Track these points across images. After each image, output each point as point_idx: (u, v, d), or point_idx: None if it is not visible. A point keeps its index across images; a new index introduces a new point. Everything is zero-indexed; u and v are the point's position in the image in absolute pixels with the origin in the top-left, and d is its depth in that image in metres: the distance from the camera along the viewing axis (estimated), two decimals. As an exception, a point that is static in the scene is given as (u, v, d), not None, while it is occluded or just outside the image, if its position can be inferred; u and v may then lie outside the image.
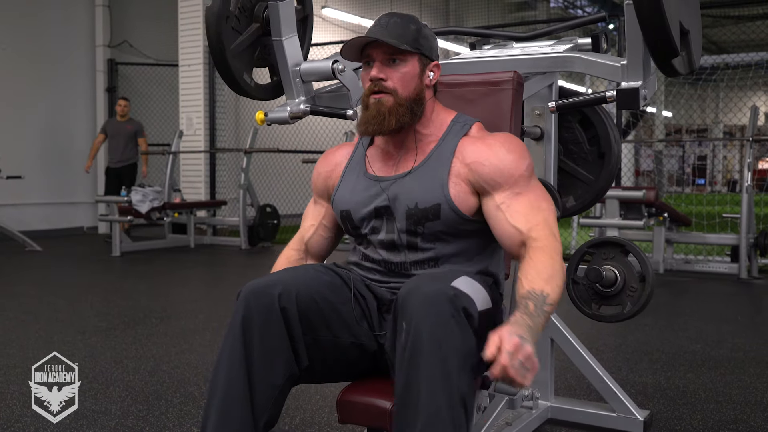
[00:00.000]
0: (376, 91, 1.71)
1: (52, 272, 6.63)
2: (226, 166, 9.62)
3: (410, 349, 1.46)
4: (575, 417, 2.54)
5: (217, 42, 2.02)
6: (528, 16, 16.90)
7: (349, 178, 1.84)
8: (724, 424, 2.56)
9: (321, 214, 1.95)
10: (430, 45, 1.78)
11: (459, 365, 1.45)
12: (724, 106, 8.66)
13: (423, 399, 1.43)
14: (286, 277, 1.64)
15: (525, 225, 1.65)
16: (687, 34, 1.80)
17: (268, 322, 1.58)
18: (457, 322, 1.45)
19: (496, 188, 1.69)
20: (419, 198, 1.71)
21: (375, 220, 1.77)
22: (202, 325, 4.15)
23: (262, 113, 2.18)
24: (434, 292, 1.48)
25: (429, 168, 1.73)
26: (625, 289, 2.02)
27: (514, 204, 1.68)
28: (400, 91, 1.71)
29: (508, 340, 1.37)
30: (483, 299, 1.60)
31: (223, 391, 1.56)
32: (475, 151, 1.72)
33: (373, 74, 1.72)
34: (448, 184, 1.70)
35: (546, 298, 1.53)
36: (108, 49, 10.34)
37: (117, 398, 2.80)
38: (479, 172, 1.70)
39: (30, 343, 3.64)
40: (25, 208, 9.26)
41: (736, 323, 4.34)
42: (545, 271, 1.57)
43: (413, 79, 1.73)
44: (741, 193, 6.19)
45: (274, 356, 1.59)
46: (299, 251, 1.97)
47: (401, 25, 1.73)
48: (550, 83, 2.38)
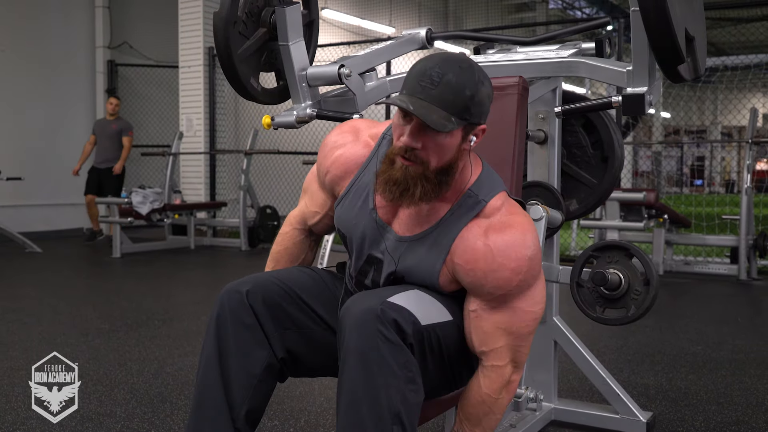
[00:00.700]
0: (406, 157, 1.51)
1: (52, 274, 6.63)
2: (226, 167, 9.63)
3: (341, 366, 1.48)
4: (579, 419, 2.56)
5: (224, 47, 2.03)
6: (527, 17, 16.93)
7: (354, 201, 1.71)
8: (726, 425, 2.57)
9: (327, 205, 1.82)
10: (481, 110, 1.53)
11: (387, 380, 1.42)
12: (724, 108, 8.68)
13: (346, 415, 1.45)
14: (261, 277, 1.69)
15: (480, 345, 1.59)
16: (692, 41, 1.81)
17: (239, 317, 1.63)
18: (385, 336, 1.43)
19: (473, 293, 1.59)
20: (407, 273, 1.63)
21: (365, 265, 1.71)
22: (204, 327, 4.13)
23: (269, 117, 2.19)
24: (362, 310, 1.46)
25: (427, 246, 1.61)
26: (629, 293, 2.03)
27: (483, 317, 1.58)
28: (432, 164, 1.51)
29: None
30: (433, 313, 1.55)
31: (200, 381, 1.63)
32: (468, 253, 1.56)
33: (405, 141, 1.48)
34: (439, 275, 1.60)
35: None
36: (108, 51, 10.35)
37: (121, 400, 2.81)
38: (461, 277, 1.58)
39: (33, 345, 3.65)
40: (24, 209, 9.26)
41: (736, 325, 4.35)
42: (477, 415, 1.62)
43: (451, 150, 1.52)
44: (740, 195, 6.22)
45: (248, 347, 1.63)
46: (302, 231, 1.91)
47: (455, 87, 1.47)
48: (554, 87, 2.40)
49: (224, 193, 9.52)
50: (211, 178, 9.54)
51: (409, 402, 1.46)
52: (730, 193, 15.86)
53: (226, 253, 8.12)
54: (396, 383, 1.44)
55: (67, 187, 9.80)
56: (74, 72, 10.08)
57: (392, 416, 1.43)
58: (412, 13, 14.82)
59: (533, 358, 2.51)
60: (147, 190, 7.89)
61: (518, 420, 2.39)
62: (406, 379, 1.45)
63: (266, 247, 8.39)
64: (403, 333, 1.46)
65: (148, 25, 10.78)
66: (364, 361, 1.44)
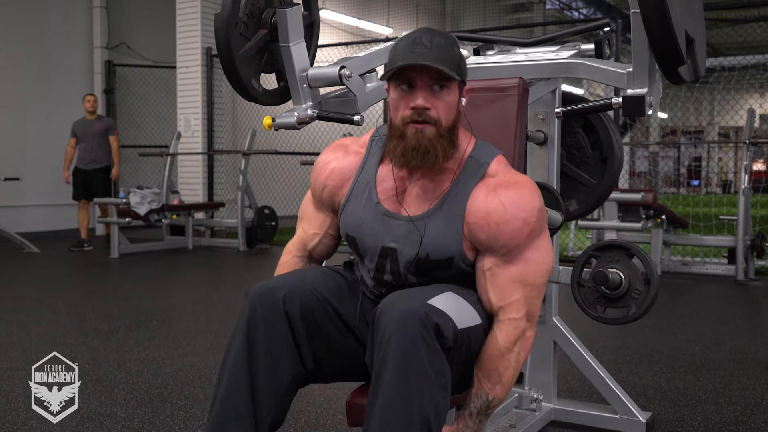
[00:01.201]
0: (419, 121, 1.58)
1: (50, 274, 6.63)
2: (224, 167, 9.63)
3: (378, 366, 1.48)
4: (578, 419, 2.56)
5: (225, 48, 2.04)
6: (524, 18, 16.95)
7: (357, 202, 1.74)
8: (724, 425, 2.58)
9: (326, 223, 1.86)
10: (466, 68, 1.67)
11: (423, 385, 1.44)
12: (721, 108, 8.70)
13: (377, 415, 1.45)
14: (292, 280, 1.65)
15: (498, 300, 1.63)
16: (692, 42, 1.82)
17: (272, 324, 1.59)
18: (426, 342, 1.44)
19: (488, 251, 1.64)
20: (431, 249, 1.65)
21: (380, 259, 1.71)
22: (203, 327, 4.16)
23: (270, 119, 2.19)
24: (406, 310, 1.47)
25: (443, 217, 1.65)
26: (630, 292, 2.04)
27: (498, 273, 1.63)
28: (443, 121, 1.59)
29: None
30: (469, 316, 1.58)
31: (226, 389, 1.58)
32: (481, 210, 1.62)
33: (419, 103, 1.57)
34: (462, 239, 1.65)
35: (491, 401, 1.62)
36: (105, 51, 10.35)
37: (122, 401, 2.81)
38: (476, 235, 1.63)
39: (32, 346, 3.65)
40: (22, 209, 9.26)
41: (734, 325, 4.37)
42: (495, 372, 1.62)
43: (454, 108, 1.62)
44: (738, 195, 6.23)
45: (278, 357, 1.60)
46: (302, 258, 1.90)
47: (446, 47, 1.59)
48: (553, 89, 2.41)
49: (222, 194, 9.52)
50: (209, 179, 9.54)
51: (439, 408, 1.48)
52: (727, 194, 15.88)
53: (224, 254, 8.12)
54: (430, 389, 1.45)
55: (65, 188, 9.78)
56: (72, 72, 10.08)
57: (422, 421, 1.44)
58: (410, 13, 14.83)
59: (533, 359, 2.52)
60: (145, 190, 7.89)
61: (518, 420, 2.40)
62: (439, 386, 1.47)
63: (264, 248, 8.41)
64: (443, 338, 1.47)
65: (146, 25, 10.78)
66: (403, 363, 1.44)
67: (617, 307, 2.06)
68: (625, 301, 2.05)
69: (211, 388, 2.97)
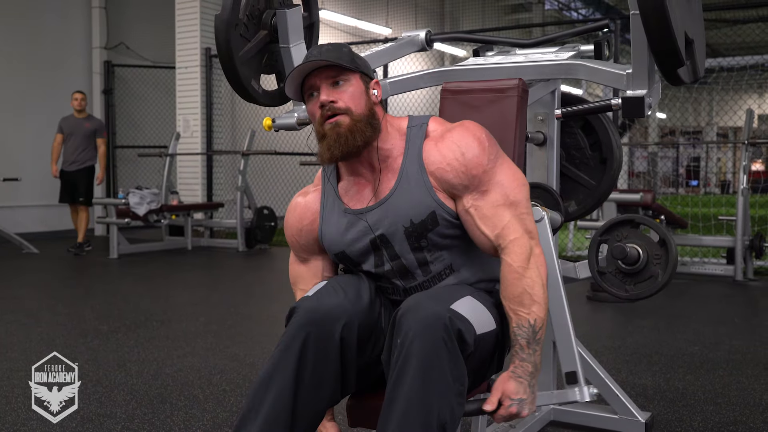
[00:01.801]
0: (330, 116, 1.66)
1: (50, 275, 6.63)
2: (223, 168, 9.64)
3: (398, 368, 1.48)
4: (577, 419, 2.57)
5: (226, 49, 2.04)
6: (523, 18, 16.95)
7: (330, 220, 1.77)
8: (724, 425, 2.59)
9: (320, 267, 1.85)
10: (366, 64, 1.75)
11: (442, 391, 1.45)
12: (720, 109, 8.70)
13: (396, 418, 1.45)
14: (345, 304, 1.61)
15: (492, 230, 1.64)
16: (692, 44, 1.83)
17: (324, 351, 1.57)
18: (448, 348, 1.45)
19: (463, 191, 1.67)
20: (412, 214, 1.67)
21: (375, 254, 1.73)
22: (203, 328, 4.16)
23: (270, 120, 2.20)
24: (431, 314, 1.48)
25: (407, 182, 1.69)
26: (650, 261, 2.04)
27: (481, 205, 1.65)
28: (353, 109, 1.66)
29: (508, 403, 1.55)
30: (485, 322, 1.60)
31: (267, 413, 1.54)
32: (437, 156, 1.68)
33: (322, 99, 1.66)
34: (434, 190, 1.67)
35: (534, 324, 1.59)
36: (104, 51, 10.35)
37: (122, 401, 2.81)
38: (444, 178, 1.67)
39: (32, 346, 3.65)
40: (21, 210, 9.25)
41: (732, 325, 4.37)
42: (524, 294, 1.59)
43: (362, 96, 1.69)
44: (736, 196, 6.24)
45: (323, 383, 1.58)
46: None
47: (334, 49, 1.69)
48: (552, 89, 2.41)
49: (221, 194, 9.52)
50: (208, 179, 9.54)
51: (455, 415, 1.48)
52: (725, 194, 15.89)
53: (223, 254, 8.12)
54: (449, 395, 1.46)
55: (64, 188, 9.80)
56: (71, 73, 10.07)
57: (439, 426, 1.45)
58: (409, 13, 14.83)
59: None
60: (144, 191, 7.89)
61: (518, 420, 2.40)
62: (457, 392, 1.48)
63: (263, 248, 8.41)
64: (465, 344, 1.49)
65: (145, 25, 10.78)
66: (425, 368, 1.45)
67: (644, 279, 2.06)
68: (650, 271, 2.05)
69: (211, 388, 2.97)
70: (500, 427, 2.33)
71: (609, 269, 2.13)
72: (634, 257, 2.07)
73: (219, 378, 3.13)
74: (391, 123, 1.75)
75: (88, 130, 8.00)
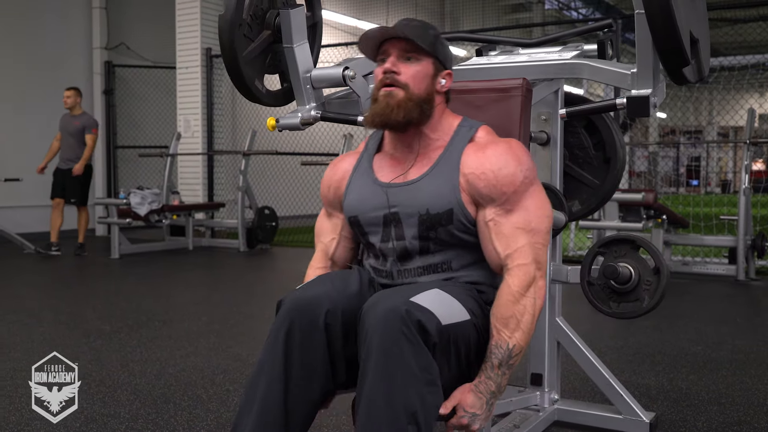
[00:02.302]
0: (388, 84, 1.72)
1: (51, 275, 6.63)
2: (224, 168, 9.63)
3: (362, 364, 1.49)
4: (581, 419, 2.56)
5: (229, 49, 2.04)
6: (523, 18, 16.95)
7: (356, 184, 1.84)
8: (728, 425, 2.58)
9: (339, 226, 1.92)
10: (446, 53, 1.80)
11: (406, 381, 1.45)
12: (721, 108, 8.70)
13: (363, 412, 1.47)
14: (330, 291, 1.63)
15: (504, 249, 1.67)
16: (696, 43, 1.83)
17: (310, 339, 1.58)
18: (408, 339, 1.46)
19: (489, 203, 1.70)
20: (430, 204, 1.71)
21: (384, 228, 1.76)
22: (205, 327, 4.16)
23: (274, 120, 2.20)
24: (387, 308, 1.49)
25: (438, 174, 1.73)
26: (640, 284, 2.05)
27: (501, 222, 1.68)
28: (411, 87, 1.72)
29: (461, 413, 1.58)
30: (454, 312, 1.58)
31: (260, 407, 1.55)
32: (475, 162, 1.72)
33: (387, 66, 1.72)
34: (459, 190, 1.71)
35: (512, 351, 1.61)
36: (105, 52, 10.35)
37: (125, 401, 2.81)
38: (475, 185, 1.70)
39: (34, 346, 3.65)
40: (22, 210, 9.24)
41: (735, 325, 4.37)
42: (512, 318, 1.61)
43: (425, 79, 1.74)
44: (738, 195, 6.23)
45: (313, 373, 1.59)
46: (325, 269, 1.92)
47: (421, 28, 1.75)
48: (556, 89, 2.41)
49: (222, 194, 9.52)
50: (209, 179, 9.54)
51: (427, 403, 1.48)
52: (726, 194, 15.89)
53: (225, 254, 8.12)
54: (415, 385, 1.46)
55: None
56: (71, 73, 10.06)
57: (408, 416, 1.45)
58: (409, 13, 14.83)
59: (537, 358, 2.53)
60: (145, 191, 7.89)
61: (521, 420, 2.40)
62: (425, 381, 1.47)
63: (265, 248, 8.41)
64: (427, 334, 1.48)
65: (146, 26, 10.77)
66: (385, 360, 1.45)
67: (630, 300, 2.07)
68: (637, 294, 2.06)
69: (214, 388, 2.97)
70: (504, 428, 2.33)
71: (599, 282, 2.13)
72: (626, 277, 2.08)
73: (222, 378, 3.13)
74: (445, 117, 1.81)
75: (76, 128, 7.82)
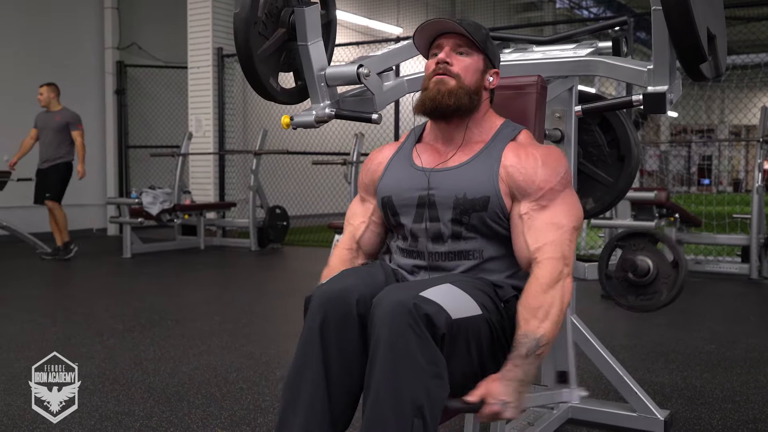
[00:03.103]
0: (441, 73, 1.79)
1: (64, 274, 6.66)
2: (235, 167, 9.65)
3: (371, 357, 1.51)
4: (596, 417, 2.56)
5: (245, 47, 2.04)
6: (534, 17, 16.91)
7: (394, 168, 1.89)
8: (743, 423, 2.57)
9: (369, 210, 1.97)
10: (495, 52, 1.88)
11: (414, 374, 1.46)
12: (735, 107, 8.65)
13: (369, 406, 1.48)
14: (358, 283, 1.65)
15: (534, 242, 1.70)
16: (714, 39, 1.82)
17: (345, 330, 1.59)
18: (415, 332, 1.46)
19: (525, 197, 1.74)
20: (468, 188, 1.75)
21: (418, 209, 1.79)
22: (217, 326, 4.17)
23: (288, 117, 2.20)
24: (395, 302, 1.50)
25: (478, 163, 1.78)
26: (659, 277, 2.04)
27: (534, 217, 1.72)
28: (463, 77, 1.79)
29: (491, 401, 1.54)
30: (465, 306, 1.58)
31: (305, 405, 1.57)
32: (516, 157, 1.77)
33: (440, 57, 1.80)
34: (498, 179, 1.75)
35: (539, 340, 1.60)
36: (117, 52, 10.38)
37: (139, 399, 2.82)
38: (514, 177, 1.75)
39: (48, 345, 3.66)
40: (35, 210, 9.26)
41: (749, 323, 4.35)
42: (541, 308, 1.61)
43: (476, 73, 1.82)
44: (751, 194, 6.20)
45: (351, 364, 1.59)
46: (351, 250, 1.96)
47: (474, 26, 1.83)
48: (570, 87, 2.40)
49: (233, 194, 9.54)
50: (220, 179, 9.56)
51: (433, 396, 1.48)
52: (738, 192, 15.82)
53: (236, 254, 8.14)
54: (422, 378, 1.46)
55: (77, 188, 9.78)
56: (83, 73, 10.11)
57: (414, 409, 1.45)
58: (420, 12, 14.82)
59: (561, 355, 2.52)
60: (157, 190, 7.92)
61: (536, 418, 2.40)
62: (432, 375, 1.48)
63: (276, 248, 8.43)
64: (435, 327, 1.48)
65: (157, 26, 10.80)
66: (392, 354, 1.46)
67: (648, 293, 2.07)
68: (656, 287, 2.05)
69: (228, 386, 2.98)
70: (519, 426, 2.33)
71: (617, 275, 2.12)
72: (644, 270, 2.07)
73: (235, 376, 3.14)
74: (489, 115, 1.88)
75: (59, 124, 7.37)
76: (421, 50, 1.91)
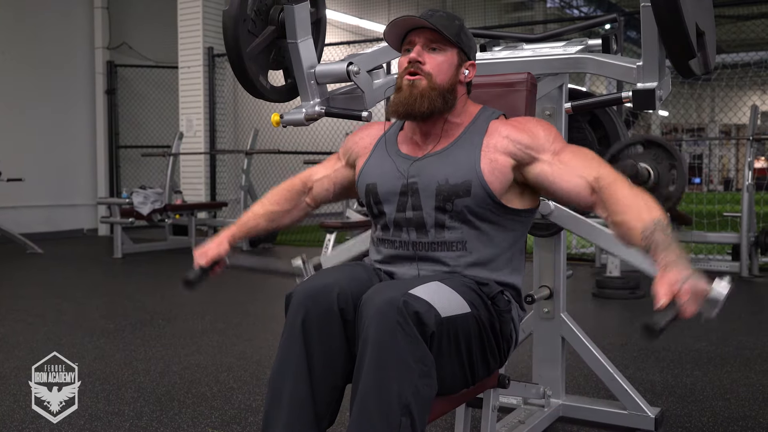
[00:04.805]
0: (412, 73, 1.74)
1: (55, 274, 6.63)
2: (226, 167, 9.63)
3: (359, 357, 1.50)
4: (587, 415, 2.56)
5: (234, 45, 2.04)
6: (525, 16, 16.93)
7: (378, 154, 1.86)
8: (733, 420, 2.58)
9: (337, 168, 2.00)
10: (470, 44, 1.82)
11: (401, 373, 1.45)
12: (725, 106, 8.68)
13: (356, 405, 1.47)
14: (339, 279, 1.64)
15: (587, 171, 1.68)
16: (703, 35, 1.82)
17: (327, 325, 1.58)
18: (404, 330, 1.45)
19: (539, 150, 1.73)
20: (450, 174, 1.72)
21: (401, 197, 1.76)
22: (209, 326, 4.16)
23: (278, 115, 2.19)
24: (384, 300, 1.49)
25: (459, 147, 1.76)
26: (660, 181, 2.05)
27: (564, 158, 1.72)
28: (435, 76, 1.74)
29: (677, 286, 1.34)
30: (454, 305, 1.57)
31: (289, 401, 1.56)
32: (510, 127, 1.77)
33: (411, 56, 1.74)
34: (479, 162, 1.71)
35: (659, 221, 1.50)
36: (107, 51, 10.34)
37: (129, 399, 2.81)
38: (519, 139, 1.73)
39: (38, 346, 3.65)
40: (25, 210, 9.25)
41: (739, 321, 4.36)
42: (641, 206, 1.56)
43: (449, 69, 1.76)
44: (741, 192, 6.23)
45: (334, 359, 1.59)
46: (303, 184, 2.03)
47: (446, 18, 1.77)
48: (560, 84, 2.40)
49: (225, 194, 9.52)
50: (211, 179, 9.54)
51: (421, 395, 1.47)
52: (728, 191, 15.86)
53: (228, 253, 8.09)
54: (409, 376, 1.45)
55: (68, 188, 9.80)
56: (73, 73, 10.07)
57: (401, 407, 1.44)
58: (410, 12, 14.77)
59: (540, 355, 2.53)
60: (148, 190, 7.89)
61: (527, 416, 2.40)
62: (420, 373, 1.46)
63: (267, 247, 8.41)
64: (424, 325, 1.47)
65: (148, 25, 10.76)
66: (380, 352, 1.45)
67: None
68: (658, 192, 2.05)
69: (219, 385, 2.97)
70: (510, 424, 2.32)
71: None
72: (644, 176, 2.07)
73: (226, 375, 3.13)
74: (468, 105, 1.85)
75: None
76: (394, 47, 1.85)
